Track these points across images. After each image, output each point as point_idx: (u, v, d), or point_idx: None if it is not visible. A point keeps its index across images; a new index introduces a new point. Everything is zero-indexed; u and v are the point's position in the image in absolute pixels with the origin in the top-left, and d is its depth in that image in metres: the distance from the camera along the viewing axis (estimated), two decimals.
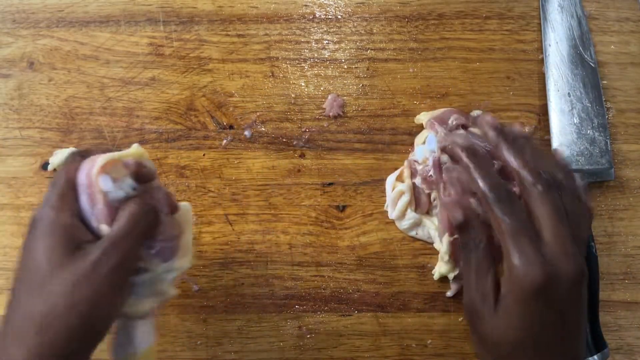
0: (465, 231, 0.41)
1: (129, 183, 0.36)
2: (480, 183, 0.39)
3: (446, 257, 0.50)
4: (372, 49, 0.56)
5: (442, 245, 0.51)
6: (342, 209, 0.54)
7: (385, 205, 0.54)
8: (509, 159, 0.40)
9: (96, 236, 0.35)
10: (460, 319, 0.53)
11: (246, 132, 0.55)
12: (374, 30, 0.57)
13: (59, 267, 0.33)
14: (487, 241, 0.41)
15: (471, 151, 0.41)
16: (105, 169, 0.35)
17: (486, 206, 0.39)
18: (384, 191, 0.54)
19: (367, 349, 0.53)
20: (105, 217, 0.35)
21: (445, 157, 0.47)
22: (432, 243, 0.53)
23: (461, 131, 0.51)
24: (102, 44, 0.57)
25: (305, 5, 0.57)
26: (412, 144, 0.54)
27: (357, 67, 0.56)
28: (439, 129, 0.50)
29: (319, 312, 0.53)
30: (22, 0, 0.57)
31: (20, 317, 0.33)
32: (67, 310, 0.32)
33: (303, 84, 0.56)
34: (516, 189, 0.40)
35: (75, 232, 0.34)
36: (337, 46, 0.57)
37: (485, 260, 0.40)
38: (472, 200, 0.42)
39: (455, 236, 0.51)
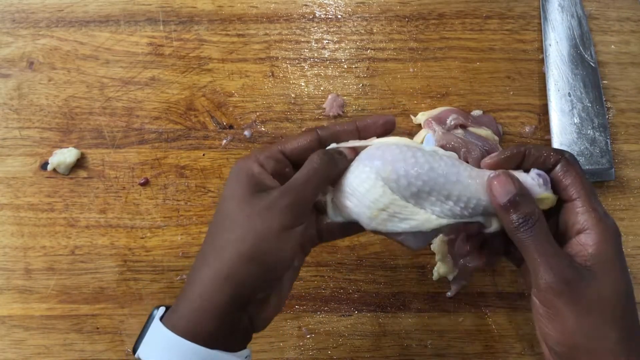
0: (518, 208, 0.37)
1: None
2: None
3: (440, 257, 0.50)
4: (372, 49, 0.56)
5: (436, 246, 0.51)
6: None
7: None
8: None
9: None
10: (460, 319, 0.53)
11: (246, 132, 0.55)
12: (374, 30, 0.56)
13: (241, 204, 0.37)
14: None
15: None
16: None
17: (565, 167, 0.38)
18: None
19: (367, 349, 0.53)
20: None
21: None
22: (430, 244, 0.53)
23: (459, 131, 0.51)
24: (101, 44, 0.57)
25: (305, 5, 0.57)
26: None
27: (357, 67, 0.56)
28: (437, 128, 0.50)
29: (319, 312, 0.53)
30: (21, 0, 0.57)
31: (208, 245, 0.38)
32: (240, 238, 0.36)
33: (303, 84, 0.56)
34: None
35: (261, 179, 0.38)
36: (337, 46, 0.56)
37: (549, 229, 0.38)
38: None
39: (451, 236, 0.51)
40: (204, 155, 0.55)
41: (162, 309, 0.38)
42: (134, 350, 0.37)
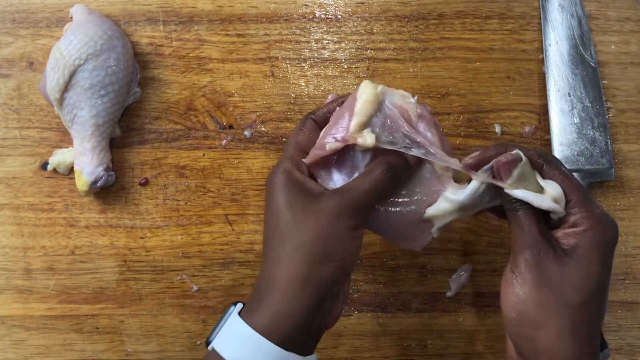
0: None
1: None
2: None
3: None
4: (372, 49, 0.56)
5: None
6: None
7: None
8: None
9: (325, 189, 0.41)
10: (460, 319, 0.53)
11: (246, 132, 0.55)
12: (374, 30, 0.56)
13: (303, 211, 0.39)
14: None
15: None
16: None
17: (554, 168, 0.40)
18: None
19: (367, 349, 0.53)
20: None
21: None
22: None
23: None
24: None
25: (305, 5, 0.57)
26: None
27: (357, 67, 0.56)
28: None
29: None
30: (21, 0, 0.57)
31: (276, 249, 0.39)
32: (312, 241, 0.38)
33: (303, 84, 0.56)
34: None
35: (309, 186, 0.40)
36: (337, 46, 0.56)
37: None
38: None
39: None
40: (204, 155, 0.55)
41: (239, 305, 0.40)
42: (207, 343, 0.39)
